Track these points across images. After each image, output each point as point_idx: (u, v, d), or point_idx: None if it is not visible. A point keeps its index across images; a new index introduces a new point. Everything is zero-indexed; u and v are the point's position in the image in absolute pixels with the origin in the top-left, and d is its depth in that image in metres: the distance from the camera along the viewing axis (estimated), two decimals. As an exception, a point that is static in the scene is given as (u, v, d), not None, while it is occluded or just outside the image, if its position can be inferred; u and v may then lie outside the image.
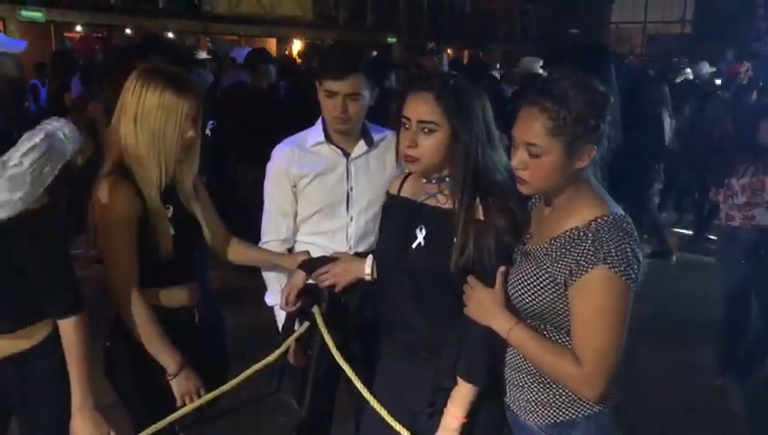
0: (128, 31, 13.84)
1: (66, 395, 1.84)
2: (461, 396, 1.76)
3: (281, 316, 2.30)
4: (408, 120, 1.82)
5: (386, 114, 2.51)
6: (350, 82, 2.18)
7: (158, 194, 2.02)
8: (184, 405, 2.04)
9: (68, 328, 1.82)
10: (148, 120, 1.98)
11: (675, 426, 3.56)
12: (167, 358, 2.04)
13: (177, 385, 2.05)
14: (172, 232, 2.04)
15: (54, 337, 1.85)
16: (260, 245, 2.40)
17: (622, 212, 1.63)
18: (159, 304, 2.08)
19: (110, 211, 1.97)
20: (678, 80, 9.40)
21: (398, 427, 1.85)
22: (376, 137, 2.38)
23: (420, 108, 1.81)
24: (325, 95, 2.23)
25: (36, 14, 11.84)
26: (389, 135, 2.34)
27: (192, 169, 2.15)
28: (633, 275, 1.54)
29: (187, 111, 2.01)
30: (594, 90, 1.60)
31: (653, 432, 3.47)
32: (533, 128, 1.59)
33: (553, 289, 1.61)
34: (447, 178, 1.86)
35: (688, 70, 9.92)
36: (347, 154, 2.34)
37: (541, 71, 6.29)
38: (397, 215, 1.99)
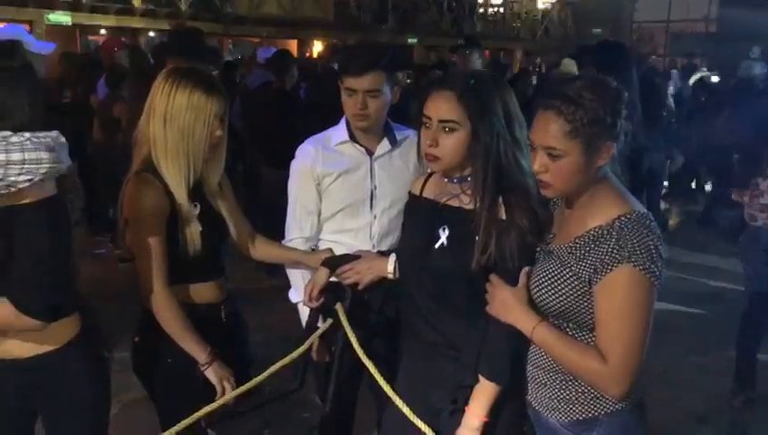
0: (151, 34, 14.01)
1: (93, 396, 1.85)
2: (483, 394, 1.77)
3: (304, 313, 2.32)
4: (429, 119, 1.84)
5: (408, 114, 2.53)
6: (368, 78, 2.21)
7: (187, 192, 2.05)
8: (224, 391, 2.07)
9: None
10: (177, 119, 2.02)
11: (697, 426, 3.54)
12: (198, 349, 2.07)
13: (213, 372, 2.08)
14: (199, 229, 2.07)
15: (82, 337, 1.86)
16: (284, 243, 2.43)
17: (644, 209, 1.63)
18: (187, 300, 2.11)
19: (139, 208, 2.01)
20: (692, 80, 9.32)
21: (419, 424, 1.86)
22: (399, 136, 2.40)
23: (441, 107, 1.82)
24: (346, 93, 2.26)
25: (63, 18, 12.05)
26: (412, 134, 2.35)
27: (218, 168, 2.19)
28: (657, 273, 1.55)
29: (216, 110, 2.05)
30: (608, 87, 1.61)
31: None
32: (551, 131, 1.59)
33: (578, 287, 1.62)
34: (469, 178, 1.86)
35: (704, 69, 9.85)
36: (370, 153, 2.36)
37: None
38: (419, 215, 2.00)
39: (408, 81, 7.41)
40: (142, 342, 2.17)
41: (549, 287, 1.67)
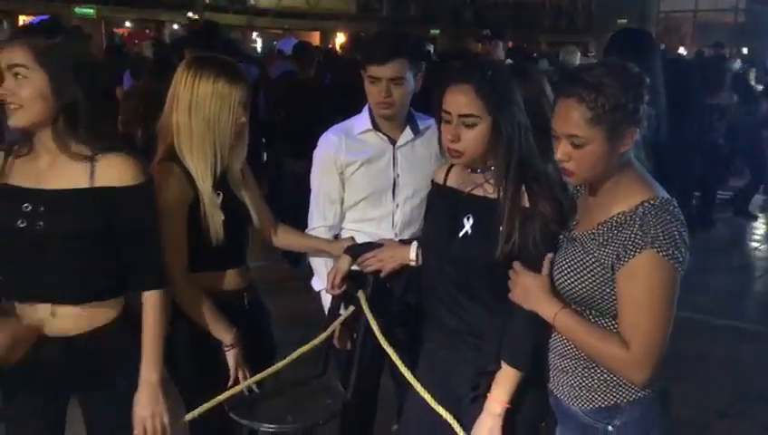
0: (175, 26, 14.14)
1: (130, 376, 1.86)
2: (505, 380, 1.77)
3: (327, 301, 2.34)
4: (449, 114, 1.83)
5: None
6: (392, 66, 2.21)
7: (213, 181, 2.07)
8: (237, 377, 2.10)
9: (150, 302, 1.84)
10: (202, 108, 2.03)
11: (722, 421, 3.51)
12: (223, 331, 2.10)
13: (234, 357, 2.11)
14: (222, 218, 2.09)
15: (124, 318, 1.88)
16: (307, 231, 2.44)
17: (668, 195, 1.62)
18: (210, 287, 2.13)
19: (162, 196, 2.03)
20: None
21: (440, 410, 1.87)
22: (422, 125, 2.40)
23: (460, 101, 1.80)
24: (369, 81, 2.26)
25: (88, 11, 12.22)
26: (434, 123, 2.34)
27: (241, 156, 2.20)
28: (681, 259, 1.54)
29: (240, 98, 2.06)
30: (629, 72, 1.59)
31: (701, 428, 3.42)
32: (573, 119, 1.58)
33: (600, 273, 1.61)
34: (492, 168, 1.86)
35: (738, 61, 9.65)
36: (393, 141, 2.37)
37: None
38: (443, 204, 2.00)
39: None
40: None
41: (572, 274, 1.66)
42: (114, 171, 1.76)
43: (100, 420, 1.91)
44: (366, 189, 2.36)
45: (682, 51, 14.74)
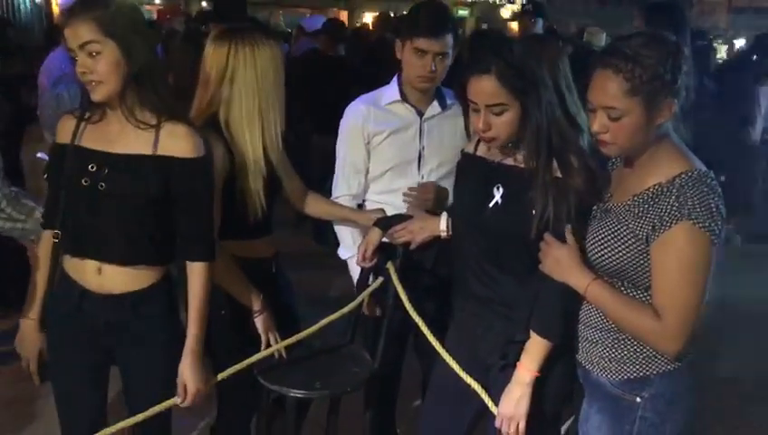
0: (204, 3, 14.17)
1: (168, 342, 1.91)
2: (534, 350, 1.78)
3: (354, 270, 2.36)
4: (476, 103, 1.82)
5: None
6: (442, 41, 2.22)
7: (260, 148, 2.08)
8: (267, 341, 2.13)
9: (197, 272, 1.88)
10: (243, 76, 2.03)
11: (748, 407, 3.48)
12: (252, 297, 2.12)
13: (263, 322, 2.13)
14: (261, 186, 2.10)
15: (165, 283, 1.93)
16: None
17: (705, 168, 1.60)
18: (242, 254, 2.15)
19: None
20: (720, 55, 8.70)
21: (468, 380, 1.89)
22: (449, 100, 2.39)
23: (485, 92, 1.79)
24: (414, 53, 2.25)
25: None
26: None
27: (280, 122, 2.20)
28: (717, 231, 1.52)
29: (280, 61, 2.08)
30: (666, 42, 1.57)
31: (730, 410, 3.40)
32: (610, 90, 1.56)
33: (635, 245, 1.60)
34: (523, 143, 1.84)
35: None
36: (420, 114, 2.37)
37: None
38: (473, 173, 2.00)
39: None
40: None
41: (605, 246, 1.65)
42: (177, 142, 1.81)
43: (138, 376, 1.96)
44: (392, 160, 2.37)
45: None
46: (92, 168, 1.81)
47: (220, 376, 2.00)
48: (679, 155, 1.62)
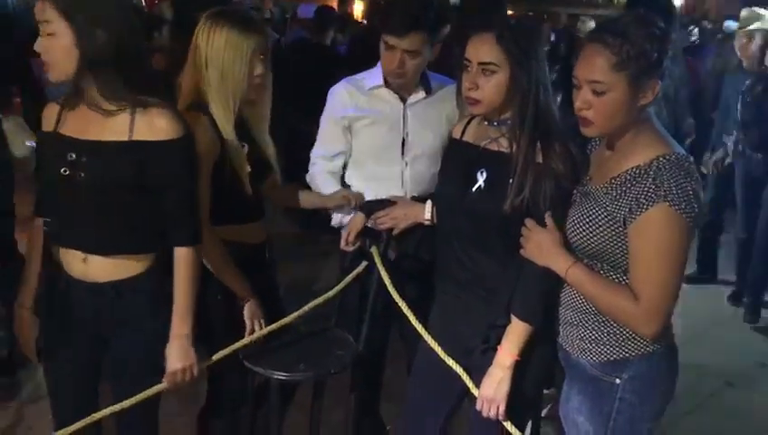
0: (192, -10, 14.04)
1: (154, 329, 1.89)
2: (515, 333, 1.79)
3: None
4: (470, 61, 1.83)
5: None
6: (409, 39, 2.20)
7: (233, 131, 2.06)
8: (253, 328, 2.13)
9: (182, 257, 1.86)
10: (216, 60, 2.03)
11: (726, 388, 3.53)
12: (239, 284, 2.12)
13: (249, 309, 2.13)
14: (248, 170, 2.09)
15: (154, 271, 1.90)
16: (310, 166, 2.47)
17: (684, 152, 1.61)
18: (235, 240, 2.14)
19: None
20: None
21: (450, 362, 1.90)
22: (435, 85, 2.39)
23: (481, 49, 1.81)
24: (384, 47, 2.25)
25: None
26: (450, 85, 2.33)
27: (266, 109, 2.20)
28: (693, 214, 1.54)
29: (254, 47, 2.05)
30: (654, 24, 1.59)
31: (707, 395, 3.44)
32: (596, 64, 1.58)
33: (612, 227, 1.61)
34: (509, 121, 1.86)
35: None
36: (404, 99, 2.36)
37: None
38: (458, 158, 2.00)
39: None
40: None
41: (584, 229, 1.67)
42: (151, 125, 1.77)
43: (123, 364, 1.95)
44: (374, 146, 2.37)
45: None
46: (71, 156, 1.77)
47: (207, 362, 2.00)
48: (659, 139, 1.63)
